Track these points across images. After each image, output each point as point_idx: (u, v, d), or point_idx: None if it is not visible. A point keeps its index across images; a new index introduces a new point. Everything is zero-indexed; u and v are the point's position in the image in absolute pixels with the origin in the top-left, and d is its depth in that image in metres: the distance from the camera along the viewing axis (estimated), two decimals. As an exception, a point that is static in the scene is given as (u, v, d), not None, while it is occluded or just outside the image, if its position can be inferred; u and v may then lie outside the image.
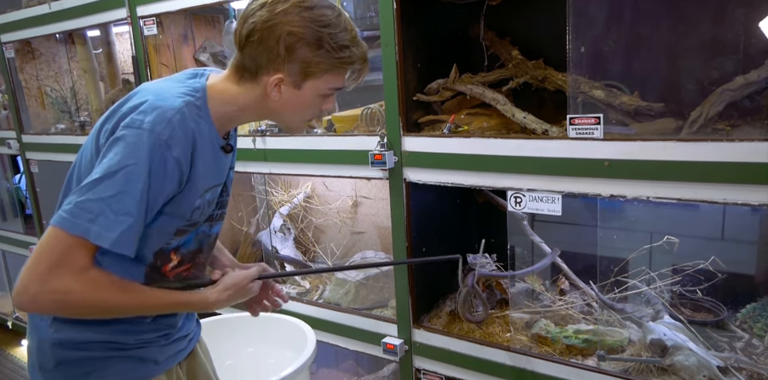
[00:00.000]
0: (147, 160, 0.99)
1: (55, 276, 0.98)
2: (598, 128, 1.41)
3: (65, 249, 0.99)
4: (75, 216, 0.98)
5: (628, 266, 1.79)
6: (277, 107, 1.14)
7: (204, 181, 1.13)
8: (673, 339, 1.53)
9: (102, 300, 1.03)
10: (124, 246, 1.00)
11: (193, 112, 1.07)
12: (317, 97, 1.15)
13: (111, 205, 0.98)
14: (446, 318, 1.94)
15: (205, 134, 1.10)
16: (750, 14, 1.40)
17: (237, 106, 1.14)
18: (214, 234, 1.28)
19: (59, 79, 3.29)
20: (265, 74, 1.09)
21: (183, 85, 1.12)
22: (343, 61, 1.11)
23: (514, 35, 1.89)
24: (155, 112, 1.02)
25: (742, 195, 1.25)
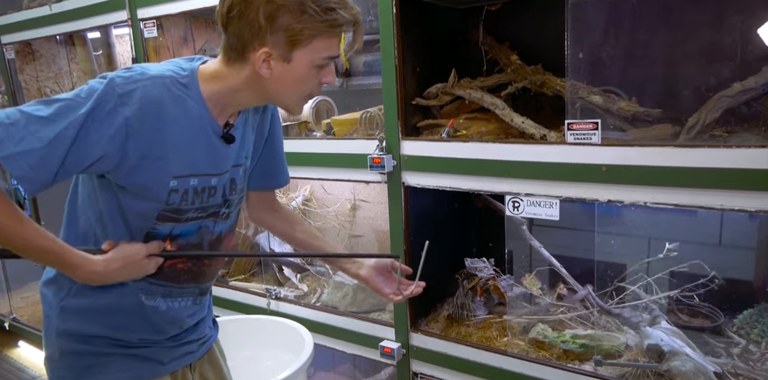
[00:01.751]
0: (91, 105, 0.97)
1: None
2: (596, 133, 1.41)
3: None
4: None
5: (625, 271, 1.79)
6: (272, 85, 1.08)
7: (183, 163, 1.08)
8: (670, 345, 1.54)
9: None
10: (18, 168, 0.93)
11: (173, 87, 1.04)
12: (312, 68, 1.07)
13: (30, 123, 0.95)
14: (444, 322, 1.94)
15: (193, 115, 1.07)
16: (747, 21, 1.41)
17: (229, 87, 1.09)
18: (217, 233, 1.22)
19: (59, 80, 3.29)
20: (251, 51, 1.03)
21: (173, 64, 1.09)
22: (331, 24, 1.03)
23: (513, 40, 1.89)
24: (128, 72, 1.01)
25: (738, 202, 1.25)
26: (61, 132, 0.95)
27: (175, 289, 1.22)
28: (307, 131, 2.29)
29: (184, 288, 1.24)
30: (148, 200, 1.08)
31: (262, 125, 1.29)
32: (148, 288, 1.18)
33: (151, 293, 1.19)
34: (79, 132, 0.96)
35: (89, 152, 0.99)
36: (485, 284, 1.94)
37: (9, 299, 3.82)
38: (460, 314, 1.93)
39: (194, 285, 1.26)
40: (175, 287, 1.22)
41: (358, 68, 2.39)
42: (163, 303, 1.21)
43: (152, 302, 1.19)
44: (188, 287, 1.25)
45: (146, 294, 1.19)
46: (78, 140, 0.97)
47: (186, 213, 1.14)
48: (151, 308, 1.19)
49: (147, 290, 1.18)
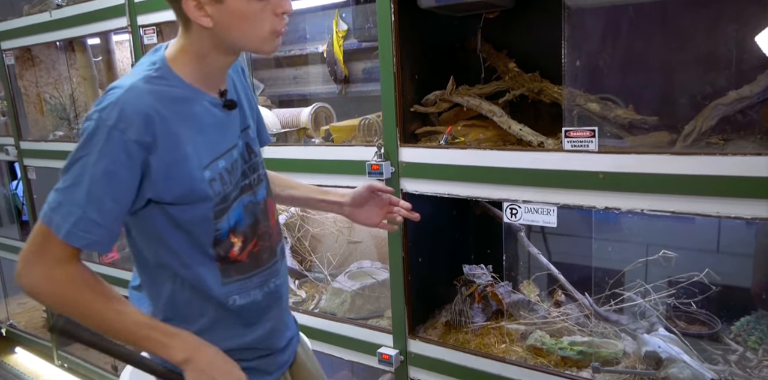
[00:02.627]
0: (98, 149, 0.95)
1: (37, 260, 0.99)
2: (593, 141, 1.42)
3: (42, 238, 0.99)
4: (47, 205, 0.99)
5: (623, 278, 1.79)
6: (223, 33, 1.01)
7: (204, 151, 1.07)
8: (668, 352, 1.54)
9: (74, 299, 1.01)
10: (79, 239, 0.97)
11: (153, 85, 1.01)
12: (251, 1, 1.00)
13: (65, 196, 0.97)
14: (442, 328, 1.94)
15: (187, 101, 1.04)
16: (742, 30, 1.42)
17: (199, 55, 1.05)
18: (262, 201, 1.20)
19: (58, 86, 3.30)
20: (183, 4, 0.98)
21: (143, 65, 1.06)
22: None
23: (511, 48, 1.91)
24: (105, 100, 0.98)
25: (735, 209, 1.26)
26: (89, 189, 0.97)
27: (266, 272, 1.22)
28: (306, 138, 2.30)
29: (271, 267, 1.23)
30: (199, 203, 1.07)
31: (242, 80, 1.25)
32: (241, 288, 1.17)
33: (245, 290, 1.18)
34: (104, 179, 0.97)
35: (125, 191, 1.00)
36: (483, 291, 1.95)
37: (6, 305, 3.82)
38: (458, 321, 1.93)
39: (274, 259, 1.25)
40: (264, 270, 1.21)
41: (357, 75, 2.41)
42: (258, 293, 1.20)
43: (246, 298, 1.18)
44: (271, 263, 1.24)
45: (239, 294, 1.17)
46: (108, 187, 0.98)
47: (230, 197, 1.12)
48: (250, 304, 1.19)
49: (240, 290, 1.17)
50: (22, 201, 3.69)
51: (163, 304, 1.15)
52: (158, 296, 1.15)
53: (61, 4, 2.67)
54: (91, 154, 0.96)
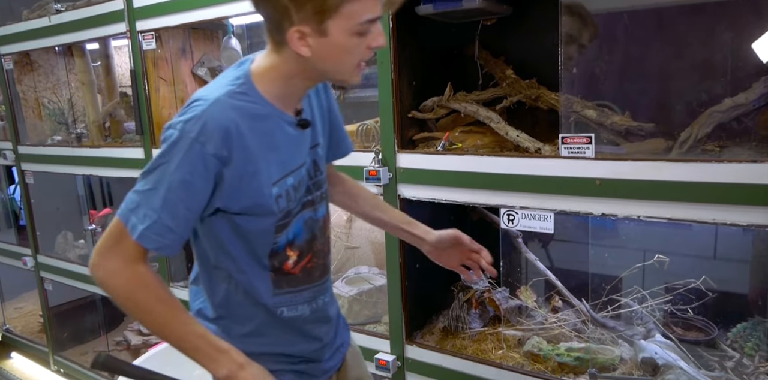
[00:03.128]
0: (179, 158, 0.99)
1: (110, 254, 1.03)
2: (589, 147, 1.42)
3: (117, 234, 1.03)
4: (125, 203, 1.03)
5: (620, 284, 1.80)
6: (318, 63, 1.02)
7: (275, 168, 1.09)
8: (665, 358, 1.54)
9: (140, 299, 1.04)
10: (150, 242, 1.01)
11: (235, 100, 1.03)
12: (351, 37, 0.99)
13: (144, 199, 1.01)
14: (439, 334, 1.94)
15: (265, 118, 1.06)
16: (737, 38, 1.43)
17: (285, 77, 1.07)
18: (321, 218, 1.22)
19: (57, 90, 3.30)
20: (285, 31, 0.98)
21: (227, 77, 1.08)
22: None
23: (508, 54, 1.91)
24: (189, 111, 1.02)
25: (731, 216, 1.27)
26: (166, 196, 1.00)
27: (316, 289, 1.24)
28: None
29: (321, 284, 1.26)
30: (263, 216, 1.11)
31: (320, 98, 1.25)
32: (289, 301, 1.20)
33: (293, 304, 1.21)
34: (181, 188, 1.01)
35: (199, 200, 1.04)
36: (481, 296, 1.95)
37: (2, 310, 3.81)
38: (455, 326, 1.93)
39: (325, 277, 1.28)
40: (315, 287, 1.24)
41: (355, 81, 2.40)
42: (306, 309, 1.23)
43: (294, 312, 1.21)
44: (322, 281, 1.26)
45: (287, 306, 1.20)
46: (184, 195, 1.01)
47: (292, 212, 1.15)
48: (297, 318, 1.22)
49: (288, 303, 1.20)
50: (20, 206, 3.68)
51: (218, 303, 1.20)
52: (214, 294, 1.20)
53: (61, 10, 2.68)
54: (171, 162, 1.00)
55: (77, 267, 3.07)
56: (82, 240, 3.41)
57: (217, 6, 2.07)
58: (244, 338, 1.19)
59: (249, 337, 1.19)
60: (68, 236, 3.45)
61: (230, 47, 2.49)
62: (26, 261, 3.33)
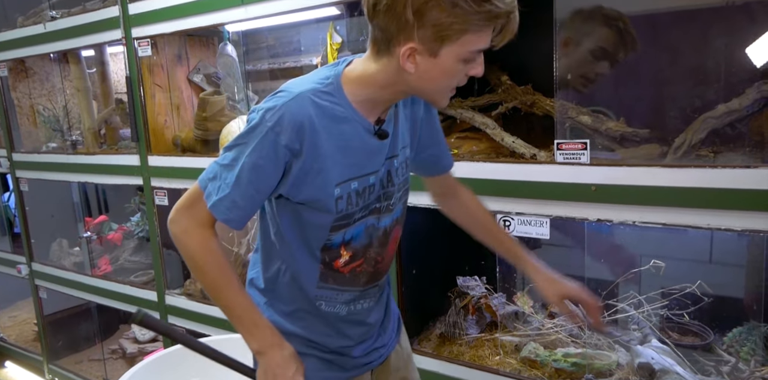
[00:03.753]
0: (255, 143, 1.05)
1: (186, 214, 1.13)
2: (585, 153, 1.43)
3: (194, 198, 1.12)
4: (206, 172, 1.12)
5: (616, 289, 1.80)
6: (416, 81, 1.04)
7: (342, 169, 1.11)
8: (661, 363, 1.54)
9: (201, 259, 1.12)
10: (220, 212, 1.09)
11: (318, 98, 1.06)
12: (458, 62, 1.01)
13: (222, 172, 1.09)
14: (436, 340, 1.94)
15: (343, 121, 1.08)
16: (730, 45, 1.44)
17: (377, 85, 1.07)
18: (383, 228, 1.23)
19: (52, 97, 3.30)
20: (397, 45, 0.99)
21: (318, 74, 1.11)
22: (485, 17, 0.96)
23: (504, 61, 1.92)
24: (272, 100, 1.06)
25: (725, 221, 1.27)
26: (239, 174, 1.07)
27: (358, 294, 1.26)
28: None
29: (366, 290, 1.28)
30: (321, 212, 1.14)
31: (415, 111, 1.25)
32: (330, 297, 1.24)
33: (332, 300, 1.24)
34: (252, 170, 1.07)
35: (268, 183, 1.10)
36: (477, 302, 1.95)
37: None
38: (452, 333, 1.93)
39: (372, 285, 1.29)
40: (358, 292, 1.26)
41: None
42: (343, 309, 1.26)
43: (332, 308, 1.25)
44: (368, 287, 1.28)
45: (326, 301, 1.24)
46: (254, 177, 1.07)
47: (353, 216, 1.17)
48: (332, 314, 1.26)
49: (328, 298, 1.24)
50: (14, 213, 3.67)
51: (268, 278, 1.27)
52: (267, 269, 1.27)
53: (56, 16, 2.68)
54: (248, 144, 1.06)
55: (72, 275, 3.05)
56: (77, 248, 3.40)
57: (213, 13, 2.08)
58: (284, 316, 1.26)
59: (289, 317, 1.26)
60: (63, 243, 3.43)
61: (226, 54, 2.50)
62: (21, 269, 3.31)
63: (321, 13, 2.06)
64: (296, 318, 1.26)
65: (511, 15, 1.02)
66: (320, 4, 1.82)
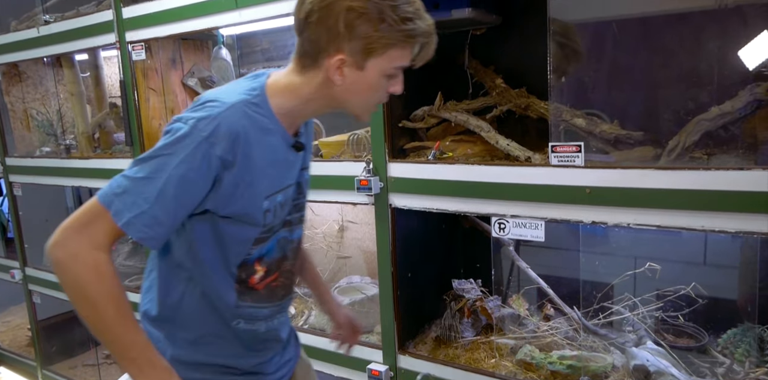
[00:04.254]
0: (185, 153, 0.99)
1: (79, 235, 0.98)
2: (579, 156, 1.43)
3: (92, 216, 1.00)
4: (110, 187, 1.00)
5: (611, 291, 1.80)
6: (342, 93, 1.09)
7: (270, 182, 1.11)
8: (656, 365, 1.54)
9: (93, 289, 0.98)
10: (136, 231, 0.99)
11: (248, 110, 1.05)
12: (382, 77, 1.09)
13: (137, 186, 0.99)
14: (432, 343, 1.94)
15: (269, 133, 1.08)
16: (723, 47, 1.45)
17: (302, 98, 1.10)
18: (296, 240, 1.25)
19: (46, 102, 3.29)
20: (326, 57, 1.04)
21: (241, 85, 1.10)
22: (407, 34, 1.04)
23: (498, 64, 1.93)
24: (203, 110, 1.02)
25: (719, 223, 1.28)
26: (162, 188, 0.99)
27: (275, 308, 1.25)
28: (295, 153, 2.30)
29: (282, 304, 1.27)
30: (249, 226, 1.11)
31: (309, 127, 1.30)
32: (250, 314, 1.20)
33: (252, 318, 1.21)
34: (180, 183, 1.00)
35: (194, 197, 1.03)
36: (473, 305, 1.95)
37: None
38: (447, 336, 1.92)
39: (288, 297, 1.29)
40: (275, 306, 1.25)
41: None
42: (262, 325, 1.24)
43: (251, 326, 1.22)
44: (285, 301, 1.28)
45: (246, 319, 1.21)
46: (180, 191, 1.00)
47: (275, 230, 1.17)
48: (250, 332, 1.22)
49: (248, 316, 1.20)
50: (8, 218, 3.65)
51: (170, 304, 1.17)
52: (168, 294, 1.18)
53: (49, 21, 2.67)
54: (175, 155, 0.99)
55: (66, 280, 3.03)
56: (71, 252, 3.37)
57: (207, 16, 2.07)
58: (189, 345, 1.18)
59: (195, 345, 1.18)
60: (57, 248, 3.40)
61: (220, 57, 2.50)
62: (14, 274, 3.29)
63: (315, 17, 2.06)
64: (203, 345, 1.19)
65: (431, 37, 1.09)
66: (314, 8, 1.82)
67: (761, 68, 1.39)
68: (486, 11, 1.75)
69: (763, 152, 1.37)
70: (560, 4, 1.43)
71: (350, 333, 1.57)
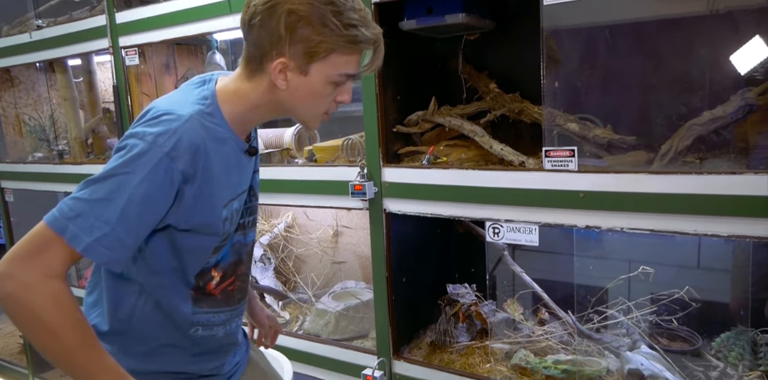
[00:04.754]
0: (146, 171, 0.95)
1: (29, 265, 0.92)
2: (572, 160, 1.44)
3: (42, 243, 0.94)
4: (59, 211, 0.95)
5: (606, 295, 1.81)
6: (287, 98, 1.08)
7: (228, 190, 1.10)
8: (650, 369, 1.55)
9: (53, 320, 0.92)
10: (99, 255, 0.94)
11: (204, 120, 1.03)
12: (327, 84, 1.07)
13: (94, 208, 0.94)
14: (426, 348, 1.93)
15: (224, 142, 1.07)
16: (714, 53, 1.46)
17: (250, 104, 1.09)
18: (250, 243, 1.25)
19: (38, 107, 3.27)
20: (269, 60, 1.03)
21: (191, 94, 1.08)
22: (350, 40, 1.02)
23: (492, 69, 1.94)
24: (160, 124, 0.98)
25: (711, 227, 1.28)
26: (124, 208, 0.95)
27: (233, 312, 1.25)
28: (289, 158, 2.30)
29: (239, 307, 1.27)
30: (209, 236, 1.10)
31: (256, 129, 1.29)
32: (207, 321, 1.19)
33: (210, 324, 1.20)
34: (143, 202, 0.96)
35: (157, 214, 1.00)
36: (467, 310, 1.95)
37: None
38: (442, 340, 1.92)
39: (244, 300, 1.29)
40: (232, 310, 1.24)
41: (340, 96, 2.41)
42: (221, 330, 1.23)
43: (209, 332, 1.21)
44: (240, 304, 1.28)
45: (204, 326, 1.19)
46: (144, 209, 0.97)
47: (230, 236, 1.16)
48: (208, 338, 1.21)
49: (206, 323, 1.19)
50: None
51: (119, 317, 1.14)
52: (117, 307, 1.14)
53: (42, 26, 2.67)
54: (134, 173, 0.95)
55: (58, 286, 3.01)
56: (64, 258, 3.35)
57: (201, 21, 2.07)
58: (144, 356, 1.15)
59: (149, 356, 1.16)
60: (49, 254, 3.38)
61: (214, 62, 2.50)
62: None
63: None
64: (159, 355, 1.16)
65: (377, 44, 1.07)
66: (308, 13, 1.82)
67: (752, 73, 1.41)
68: (479, 16, 1.76)
69: (754, 156, 1.38)
70: (553, 10, 1.44)
71: (269, 332, 1.59)
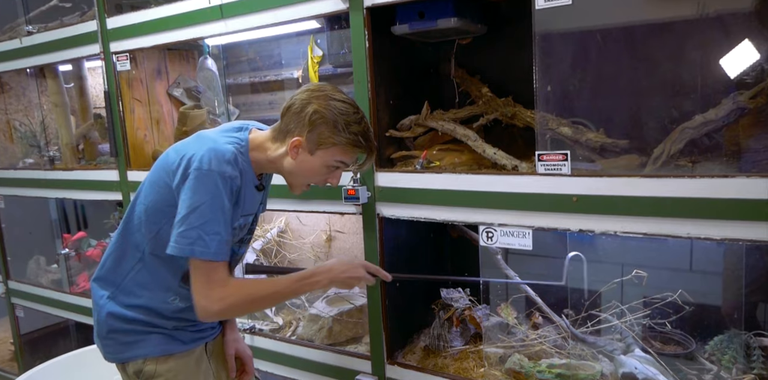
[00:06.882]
0: (218, 193, 1.32)
1: (210, 289, 1.33)
2: (565, 164, 1.44)
3: (203, 270, 1.34)
4: (178, 244, 1.31)
5: (599, 299, 1.80)
6: (291, 166, 1.44)
7: (244, 208, 1.46)
8: (644, 373, 1.55)
9: (253, 296, 1.38)
10: (222, 254, 1.34)
11: (239, 157, 1.39)
12: (324, 166, 1.44)
13: (204, 230, 1.31)
14: (420, 353, 1.93)
15: (247, 174, 1.43)
16: (706, 56, 1.47)
17: (265, 158, 1.46)
18: (240, 254, 1.59)
19: (29, 113, 3.25)
20: (291, 136, 1.40)
21: (230, 135, 1.44)
22: (350, 141, 1.40)
23: (484, 73, 1.94)
24: (216, 158, 1.33)
25: (704, 230, 1.29)
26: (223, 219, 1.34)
27: None
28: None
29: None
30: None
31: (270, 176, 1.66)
32: (187, 295, 1.42)
33: (189, 299, 1.40)
34: (225, 211, 1.34)
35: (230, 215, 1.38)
36: (461, 314, 1.94)
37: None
38: (436, 345, 1.92)
39: None
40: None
41: (332, 100, 2.40)
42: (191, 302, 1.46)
43: (185, 303, 1.48)
44: None
45: (180, 296, 1.48)
46: (227, 216, 1.35)
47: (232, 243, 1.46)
48: (185, 308, 1.49)
49: (185, 296, 1.45)
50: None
51: (120, 273, 1.49)
52: (119, 265, 1.49)
53: (32, 31, 2.65)
54: (214, 198, 1.32)
55: (50, 293, 2.99)
56: (55, 265, 3.33)
57: (193, 26, 2.07)
58: (125, 308, 1.47)
59: (131, 308, 1.48)
60: (41, 261, 3.36)
61: (206, 68, 2.49)
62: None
63: (301, 27, 2.07)
64: (139, 311, 1.47)
65: (370, 153, 1.47)
66: (300, 18, 1.82)
67: (743, 76, 1.41)
68: (471, 21, 1.76)
69: (746, 159, 1.39)
70: (545, 14, 1.44)
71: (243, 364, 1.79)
